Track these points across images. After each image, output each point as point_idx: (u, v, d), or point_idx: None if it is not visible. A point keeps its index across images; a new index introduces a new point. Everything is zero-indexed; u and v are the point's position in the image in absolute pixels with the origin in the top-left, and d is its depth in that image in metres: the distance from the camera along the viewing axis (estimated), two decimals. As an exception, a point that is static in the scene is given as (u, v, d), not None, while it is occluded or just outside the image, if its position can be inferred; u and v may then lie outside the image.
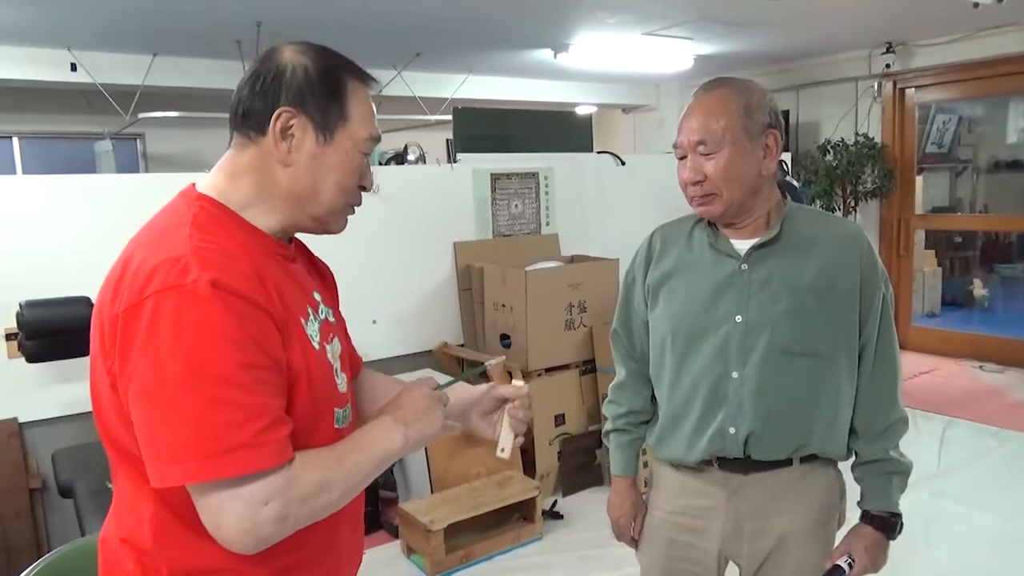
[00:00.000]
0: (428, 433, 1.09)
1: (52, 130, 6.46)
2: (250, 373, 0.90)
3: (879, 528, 1.47)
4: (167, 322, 0.88)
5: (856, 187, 6.04)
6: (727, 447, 1.44)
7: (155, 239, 0.98)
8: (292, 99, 1.01)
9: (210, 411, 0.87)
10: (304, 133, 1.02)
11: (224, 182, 1.05)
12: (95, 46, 4.85)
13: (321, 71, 1.03)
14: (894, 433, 1.47)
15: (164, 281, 0.89)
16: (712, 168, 1.38)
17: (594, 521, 3.34)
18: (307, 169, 1.03)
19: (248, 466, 0.89)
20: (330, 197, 1.05)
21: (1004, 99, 6.66)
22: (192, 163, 6.45)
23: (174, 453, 0.88)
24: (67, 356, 2.81)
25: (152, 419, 0.89)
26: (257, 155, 1.03)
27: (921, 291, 6.67)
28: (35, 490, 3.04)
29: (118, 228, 3.20)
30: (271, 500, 0.90)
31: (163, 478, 0.89)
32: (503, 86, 6.75)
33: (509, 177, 4.36)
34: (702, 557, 1.52)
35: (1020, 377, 5.27)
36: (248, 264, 0.96)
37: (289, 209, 1.05)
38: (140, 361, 0.89)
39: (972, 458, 3.92)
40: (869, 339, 1.44)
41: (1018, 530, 3.13)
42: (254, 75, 1.03)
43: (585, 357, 3.78)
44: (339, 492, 0.98)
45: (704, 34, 5.23)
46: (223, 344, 0.89)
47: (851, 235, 1.46)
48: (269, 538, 0.92)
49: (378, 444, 1.04)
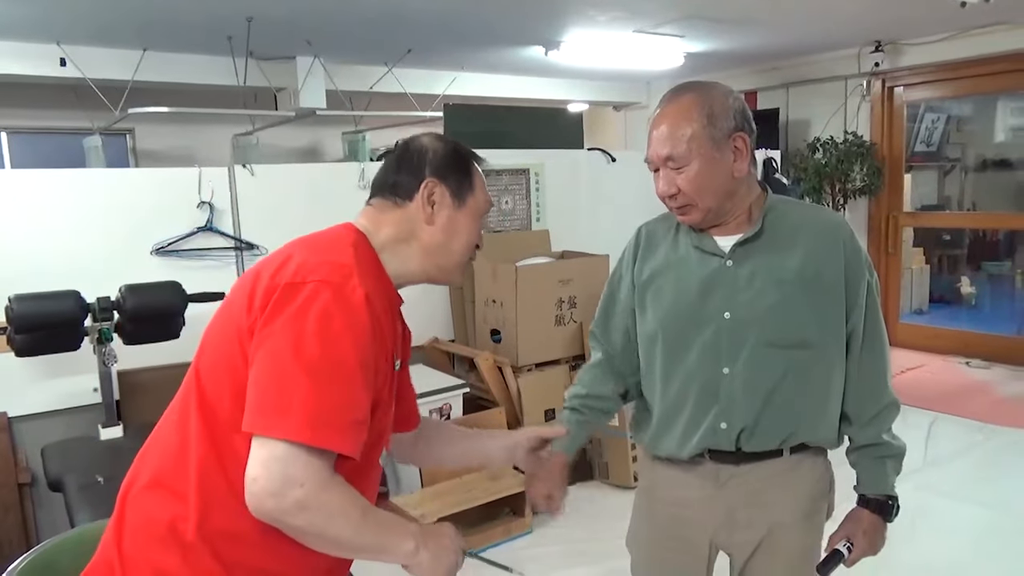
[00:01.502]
0: (431, 568, 1.14)
1: (41, 125, 6.41)
2: (363, 374, 1.06)
3: (876, 511, 1.48)
4: (319, 307, 1.04)
5: (845, 185, 6.07)
6: (719, 441, 1.45)
7: (319, 248, 1.16)
8: (435, 172, 1.25)
9: (329, 391, 1.02)
10: (443, 199, 1.25)
11: (372, 227, 1.25)
12: (85, 40, 4.82)
13: (453, 153, 1.28)
14: (886, 417, 1.49)
15: (329, 276, 1.08)
16: (684, 181, 1.39)
17: (584, 515, 3.36)
18: (443, 228, 1.26)
19: (339, 444, 1.02)
20: (460, 251, 1.29)
21: (992, 98, 6.71)
22: (182, 159, 6.44)
23: (288, 411, 1.00)
24: (56, 350, 2.80)
25: (275, 377, 1.02)
26: (402, 215, 1.25)
27: (909, 288, 6.71)
28: (24, 484, 3.03)
29: (108, 223, 3.24)
30: (306, 484, 0.99)
31: (266, 427, 1.00)
32: (494, 83, 6.75)
33: (500, 173, 4.36)
34: (693, 547, 1.53)
35: (1006, 373, 5.32)
36: (385, 300, 1.17)
37: (423, 258, 1.26)
38: (283, 328, 1.04)
39: (958, 452, 3.96)
40: (856, 326, 1.45)
41: (1002, 523, 3.16)
42: (401, 155, 1.28)
43: (575, 352, 3.79)
44: (348, 534, 1.05)
45: (695, 32, 5.24)
46: (357, 345, 1.05)
47: (833, 224, 1.47)
48: (285, 513, 1.00)
49: (395, 532, 1.12)
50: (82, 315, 2.78)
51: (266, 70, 5.37)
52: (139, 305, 2.84)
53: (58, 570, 1.56)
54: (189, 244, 3.39)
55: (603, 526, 3.08)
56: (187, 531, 1.08)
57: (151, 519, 1.11)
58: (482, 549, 3.06)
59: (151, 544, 1.10)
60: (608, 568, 2.75)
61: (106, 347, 2.86)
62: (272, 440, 1.00)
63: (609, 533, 1.75)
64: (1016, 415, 4.44)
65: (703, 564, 1.54)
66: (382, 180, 1.28)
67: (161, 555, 1.09)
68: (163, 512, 1.10)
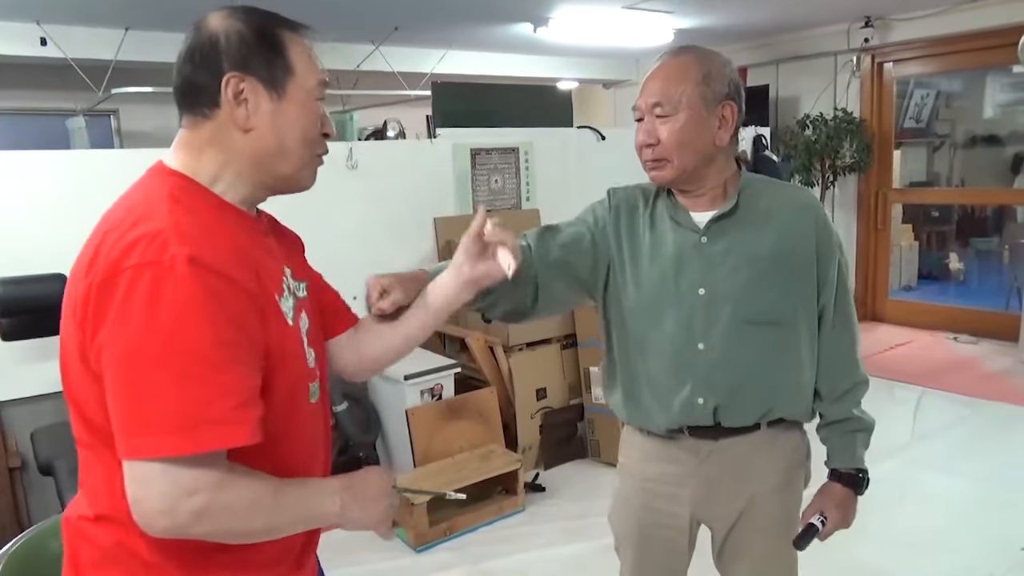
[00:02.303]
0: (363, 521, 1.05)
1: (23, 106, 6.32)
2: (224, 351, 0.90)
3: (848, 484, 1.51)
4: (142, 296, 0.87)
5: (835, 162, 6.07)
6: (697, 417, 1.46)
7: (131, 213, 0.96)
8: (235, 64, 1.00)
9: (183, 387, 0.87)
10: (256, 95, 1.01)
11: (189, 158, 1.04)
12: (66, 20, 4.74)
13: (254, 30, 1.02)
14: (856, 393, 1.52)
15: (143, 255, 0.89)
16: (666, 132, 1.39)
17: (576, 493, 3.39)
18: (269, 129, 1.02)
19: (220, 441, 0.89)
20: (297, 151, 1.05)
21: (981, 73, 6.71)
22: (167, 139, 6.23)
23: (147, 426, 0.87)
24: (43, 334, 2.78)
25: (125, 392, 0.89)
26: (215, 128, 1.02)
27: (898, 264, 6.75)
28: (14, 469, 3.03)
29: (93, 205, 3.16)
30: (199, 491, 0.89)
31: (135, 450, 0.88)
32: (483, 61, 6.70)
33: (489, 152, 4.34)
34: (675, 521, 1.55)
35: (993, 348, 5.37)
36: (228, 241, 0.96)
37: (258, 174, 1.05)
38: (113, 333, 0.89)
39: (945, 427, 4.00)
40: (827, 304, 1.47)
41: (988, 495, 3.21)
42: (189, 50, 1.02)
43: (566, 332, 3.79)
44: (263, 522, 0.96)
45: (684, 8, 5.21)
46: (198, 321, 0.88)
47: (806, 203, 1.48)
48: (183, 527, 0.90)
49: (315, 500, 1.02)
50: (69, 298, 2.76)
51: (251, 49, 5.30)
52: (126, 288, 2.82)
53: (49, 554, 1.56)
54: (176, 226, 3.35)
55: (595, 504, 3.10)
56: (143, 553, 0.99)
57: (104, 548, 1.02)
58: (474, 528, 3.08)
59: (112, 572, 1.02)
60: (600, 545, 2.76)
61: (94, 330, 2.84)
62: (145, 465, 0.88)
63: (600, 511, 1.77)
64: (1002, 390, 4.49)
65: (685, 537, 1.57)
66: (178, 86, 1.04)
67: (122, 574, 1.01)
68: (113, 539, 1.01)
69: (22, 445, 3.03)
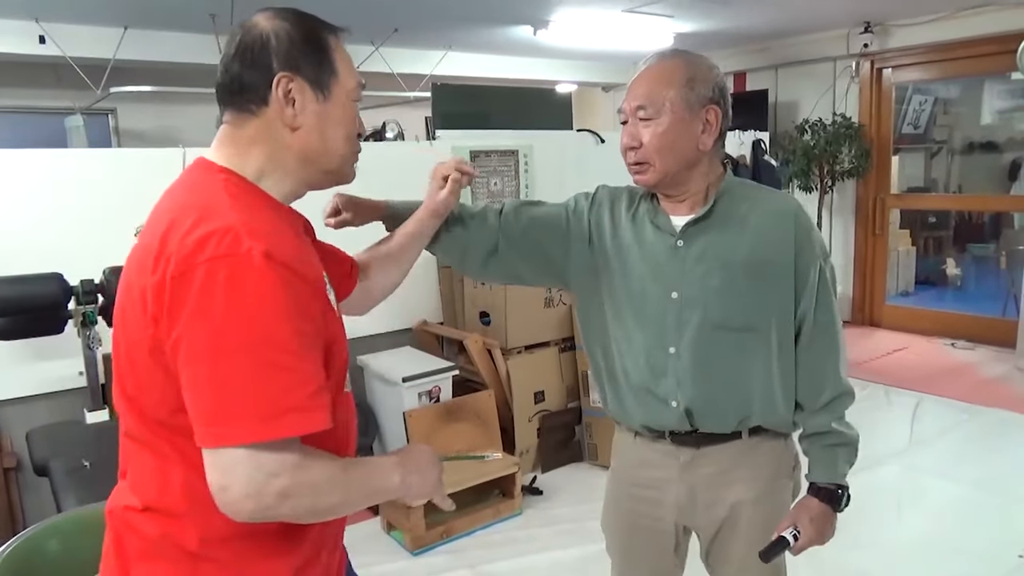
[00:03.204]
0: (422, 488, 1.12)
1: (20, 104, 6.30)
2: (301, 340, 0.94)
3: (825, 500, 1.46)
4: (222, 289, 0.90)
5: (833, 167, 6.08)
6: (672, 419, 1.46)
7: (191, 210, 0.98)
8: (285, 65, 1.04)
9: (267, 375, 0.91)
10: (304, 95, 1.05)
11: (235, 155, 1.07)
12: (64, 18, 4.73)
13: (303, 33, 1.06)
14: (837, 405, 1.47)
15: (217, 250, 0.91)
16: (649, 135, 1.38)
17: (573, 496, 3.38)
18: (314, 128, 1.07)
19: (301, 427, 0.93)
20: (340, 150, 1.11)
21: (979, 80, 6.72)
22: (165, 139, 6.35)
23: (230, 414, 0.90)
24: (39, 334, 2.77)
25: (207, 382, 0.91)
26: (262, 125, 1.06)
27: (895, 270, 6.75)
28: (9, 469, 3.01)
29: (91, 204, 3.19)
30: (282, 473, 0.92)
31: (219, 438, 0.91)
32: (482, 63, 6.69)
33: (488, 154, 4.33)
34: (661, 526, 1.56)
35: (990, 354, 5.37)
36: (289, 237, 1.01)
37: (303, 170, 1.09)
38: (193, 325, 0.91)
39: (943, 432, 4.00)
40: (806, 313, 1.44)
41: (986, 501, 3.20)
42: (239, 49, 1.05)
43: (564, 334, 3.79)
44: (339, 498, 1.00)
45: (684, 11, 5.21)
46: (278, 312, 0.92)
47: (785, 210, 1.45)
48: (269, 509, 0.93)
49: (379, 474, 1.07)
50: (65, 298, 2.74)
51: (251, 49, 5.30)
52: (124, 288, 2.80)
53: (45, 555, 1.55)
54: (174, 226, 3.34)
55: (592, 508, 3.06)
56: (191, 544, 1.02)
57: (151, 539, 1.04)
58: (471, 531, 3.07)
59: (158, 563, 1.04)
60: (597, 549, 2.74)
61: (91, 330, 2.83)
62: (226, 453, 0.91)
63: (598, 514, 1.77)
64: (1000, 396, 4.49)
65: (671, 543, 1.57)
66: (226, 84, 1.06)
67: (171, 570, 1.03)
68: (160, 531, 1.03)
69: (17, 445, 3.01)
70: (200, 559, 1.02)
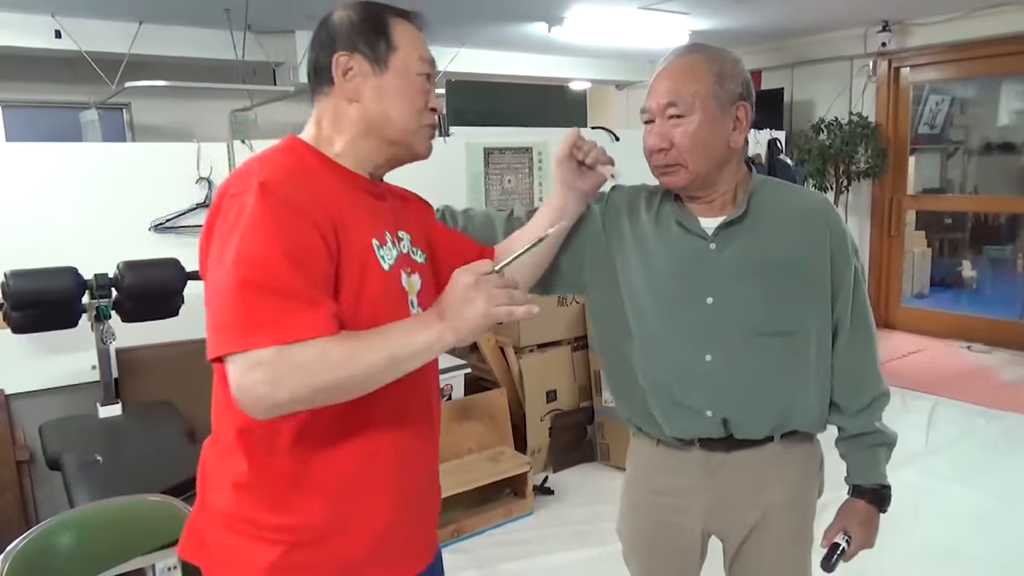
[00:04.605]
0: (467, 326, 1.02)
1: (36, 99, 6.33)
2: (285, 261, 0.99)
3: (872, 501, 1.45)
4: (231, 220, 1.02)
5: (849, 167, 6.03)
6: (706, 429, 1.41)
7: (242, 165, 1.12)
8: (345, 45, 1.15)
9: (245, 291, 0.97)
10: (362, 69, 1.15)
11: (312, 128, 1.19)
12: (80, 12, 4.75)
13: (362, 15, 1.17)
14: (878, 406, 1.45)
15: (235, 189, 1.05)
16: (680, 135, 1.32)
17: (585, 497, 3.36)
18: (374, 99, 1.16)
19: (276, 339, 0.96)
20: (401, 118, 1.17)
21: (997, 80, 6.65)
22: (180, 133, 6.36)
23: (217, 327, 0.99)
24: (53, 327, 2.77)
25: (208, 300, 1.01)
26: (331, 102, 1.17)
27: (911, 272, 6.69)
28: (22, 462, 3.02)
29: (105, 198, 3.20)
30: (262, 362, 0.96)
31: (210, 349, 0.99)
32: (496, 60, 6.67)
33: (502, 151, 4.31)
34: (685, 534, 1.50)
35: (1007, 357, 5.31)
36: (310, 183, 1.09)
37: (368, 140, 1.17)
38: (212, 256, 1.04)
39: (960, 437, 3.96)
40: (843, 313, 1.41)
41: (1004, 507, 3.16)
42: (314, 39, 1.19)
43: (577, 334, 3.77)
44: (341, 372, 0.98)
45: (700, 9, 5.18)
46: (265, 235, 1.00)
47: (818, 208, 1.42)
48: (265, 398, 0.96)
49: (397, 336, 1.03)
50: (79, 292, 2.74)
51: (265, 44, 5.30)
52: (137, 282, 2.80)
53: (58, 549, 1.54)
54: (188, 220, 3.34)
55: (604, 508, 3.07)
56: (242, 474, 1.11)
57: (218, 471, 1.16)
58: (482, 530, 3.05)
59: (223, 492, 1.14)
60: (609, 551, 2.74)
61: (104, 324, 2.83)
62: (226, 359, 0.98)
63: (610, 515, 1.73)
64: (1017, 400, 4.44)
65: (696, 550, 1.52)
66: (308, 72, 1.21)
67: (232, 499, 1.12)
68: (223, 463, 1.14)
69: (30, 439, 3.02)
70: (247, 488, 1.10)
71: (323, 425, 1.09)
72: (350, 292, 1.07)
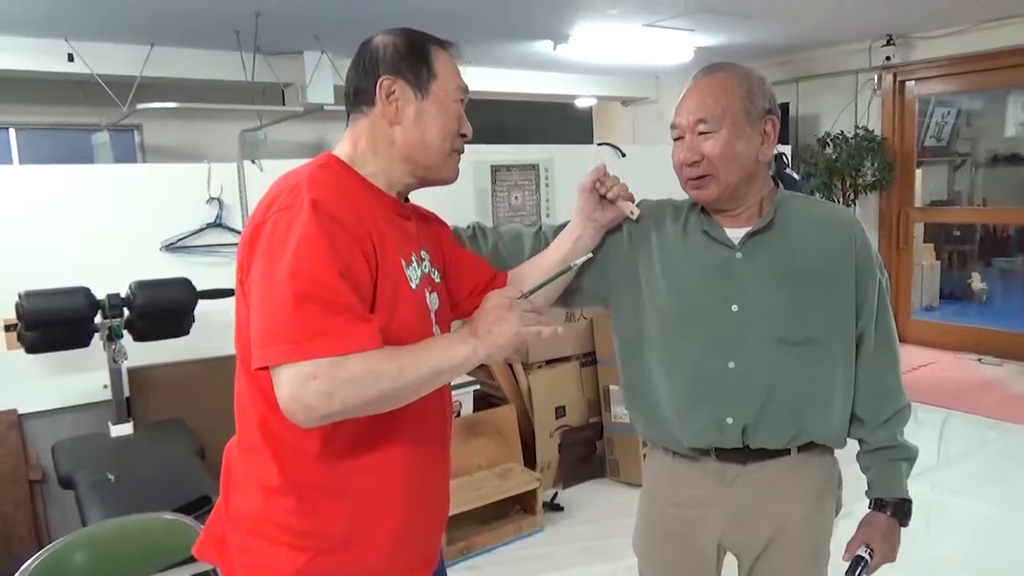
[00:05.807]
0: (499, 343, 1.12)
1: (49, 121, 6.41)
2: (337, 276, 1.04)
3: (893, 515, 1.45)
4: (280, 232, 1.05)
5: (856, 180, 6.03)
6: (725, 438, 1.42)
7: (280, 181, 1.16)
8: (389, 69, 1.20)
9: (302, 304, 1.01)
10: (404, 94, 1.21)
11: (348, 147, 1.23)
12: (92, 36, 4.82)
13: (406, 43, 1.22)
14: (900, 419, 1.46)
15: (283, 203, 1.08)
16: (710, 148, 1.36)
17: (595, 513, 3.35)
18: (414, 122, 1.21)
19: (332, 349, 1.01)
20: (437, 143, 1.23)
21: (1003, 92, 6.65)
22: (190, 154, 6.43)
23: (271, 338, 1.02)
24: (66, 347, 2.80)
25: (258, 311, 1.05)
26: (370, 123, 1.22)
27: (920, 284, 6.66)
28: (35, 482, 3.04)
29: (117, 219, 3.23)
30: (317, 376, 1.00)
31: (262, 359, 1.02)
32: (502, 78, 6.71)
33: (509, 169, 4.34)
34: (700, 547, 1.50)
35: (1018, 370, 5.27)
36: (355, 203, 1.13)
37: (403, 162, 1.22)
38: (258, 268, 1.06)
39: (971, 450, 3.93)
40: (867, 326, 1.42)
41: (1016, 520, 3.14)
42: (355, 61, 1.24)
43: (586, 349, 3.77)
44: (389, 384, 1.04)
45: (705, 25, 5.21)
46: (316, 251, 1.04)
47: (844, 221, 1.44)
48: (318, 410, 1.01)
49: (439, 351, 1.10)
50: (92, 312, 2.77)
51: (274, 65, 5.35)
52: (149, 302, 2.83)
53: (71, 568, 1.56)
54: (199, 240, 3.38)
55: (614, 524, 3.06)
56: (272, 479, 1.13)
57: (245, 476, 1.19)
58: (492, 547, 3.05)
59: (250, 496, 1.17)
60: (619, 567, 2.73)
61: (116, 344, 2.85)
62: (277, 369, 1.02)
63: (619, 531, 1.74)
64: (1029, 412, 4.40)
65: (712, 564, 1.51)
66: (347, 92, 1.26)
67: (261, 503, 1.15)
68: (250, 467, 1.17)
69: (43, 458, 3.04)
70: (277, 493, 1.13)
71: (348, 435, 1.13)
72: (384, 309, 1.12)
